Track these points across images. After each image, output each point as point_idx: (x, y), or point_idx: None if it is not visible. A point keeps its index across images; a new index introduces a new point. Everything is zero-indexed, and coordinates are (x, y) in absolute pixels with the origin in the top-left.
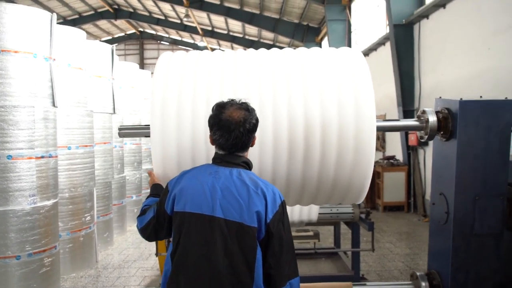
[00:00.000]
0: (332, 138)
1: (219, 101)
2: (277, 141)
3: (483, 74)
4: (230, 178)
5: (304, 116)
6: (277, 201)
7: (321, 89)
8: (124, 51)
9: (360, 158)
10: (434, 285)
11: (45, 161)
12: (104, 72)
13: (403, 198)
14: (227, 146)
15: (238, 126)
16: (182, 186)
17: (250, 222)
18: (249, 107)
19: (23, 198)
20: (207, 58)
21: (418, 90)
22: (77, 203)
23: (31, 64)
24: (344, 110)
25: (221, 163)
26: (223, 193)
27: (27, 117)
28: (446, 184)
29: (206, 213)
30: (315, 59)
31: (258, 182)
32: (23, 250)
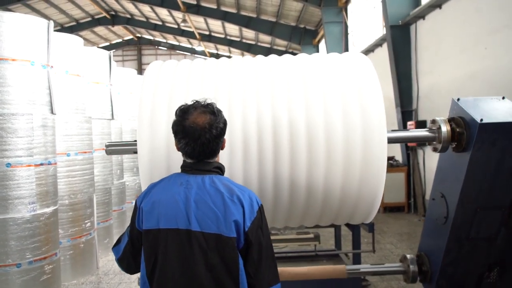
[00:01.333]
0: (337, 152)
1: (182, 105)
2: (277, 156)
3: (480, 74)
4: (203, 187)
5: (307, 129)
6: (254, 207)
7: (325, 98)
8: (122, 57)
9: (369, 174)
10: (422, 270)
11: (44, 168)
12: (102, 78)
13: (403, 199)
14: (195, 154)
15: (204, 133)
16: (153, 200)
17: (228, 232)
18: (215, 110)
19: (22, 205)
20: (198, 69)
21: (416, 90)
22: (77, 209)
23: (28, 72)
24: (351, 121)
25: (191, 171)
26: (197, 204)
27: (25, 125)
28: (449, 190)
29: (182, 227)
30: (317, 65)
31: (233, 189)
32: (24, 258)
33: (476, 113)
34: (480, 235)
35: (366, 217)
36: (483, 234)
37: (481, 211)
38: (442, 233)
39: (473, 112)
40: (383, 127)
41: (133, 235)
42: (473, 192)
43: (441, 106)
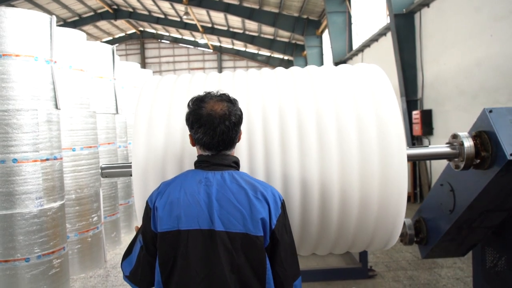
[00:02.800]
0: (353, 174)
1: (194, 96)
2: (287, 178)
3: (486, 61)
4: (224, 184)
5: (320, 149)
6: (278, 203)
7: (338, 118)
8: (125, 51)
9: (389, 197)
10: (419, 236)
11: (50, 163)
12: (105, 72)
13: (409, 189)
14: (213, 144)
15: (223, 120)
16: (170, 200)
17: (255, 231)
18: (231, 98)
19: (30, 201)
20: (199, 83)
21: (420, 79)
22: (83, 204)
23: (32, 68)
24: (366, 138)
25: (209, 167)
26: (220, 203)
27: (30, 120)
28: (460, 191)
29: (204, 227)
30: (328, 77)
31: (255, 185)
32: (32, 252)
33: (508, 142)
34: (482, 225)
35: (386, 243)
36: (486, 224)
37: (489, 213)
38: (445, 217)
39: (505, 139)
40: (402, 145)
41: (147, 239)
42: (485, 202)
43: (446, 95)
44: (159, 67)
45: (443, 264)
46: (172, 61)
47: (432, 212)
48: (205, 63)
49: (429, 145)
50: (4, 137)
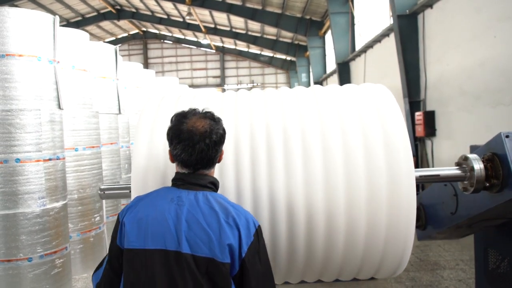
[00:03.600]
0: (360, 197)
1: (179, 111)
2: (291, 205)
3: (489, 62)
4: (196, 204)
5: (325, 172)
6: (251, 230)
7: (344, 136)
8: (128, 51)
9: (396, 221)
10: (418, 224)
11: (53, 163)
12: (108, 73)
13: None
14: (191, 162)
15: (203, 138)
16: (139, 216)
17: (222, 257)
18: (215, 117)
19: (32, 200)
20: (202, 101)
21: (423, 80)
22: (86, 204)
23: (35, 68)
24: (373, 162)
25: (183, 185)
26: (189, 224)
27: (33, 120)
28: (465, 201)
29: (171, 248)
30: (334, 98)
31: (228, 209)
32: (35, 252)
33: None
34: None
35: (395, 270)
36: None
37: (491, 220)
38: (445, 215)
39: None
40: (411, 167)
41: (112, 255)
42: (489, 216)
43: (449, 96)
44: (161, 67)
45: (446, 265)
46: (174, 61)
47: (432, 203)
48: (208, 63)
49: (432, 147)
50: (7, 137)
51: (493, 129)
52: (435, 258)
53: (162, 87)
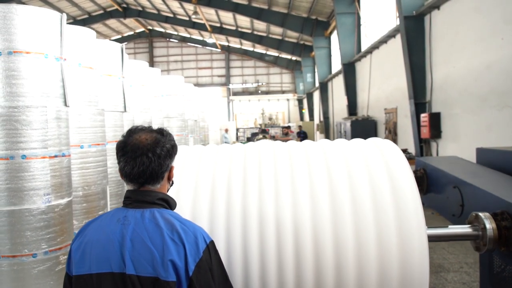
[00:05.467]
0: (370, 259)
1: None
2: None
3: (496, 64)
4: (142, 222)
5: (334, 235)
6: (200, 246)
7: (354, 199)
8: (134, 50)
9: (409, 284)
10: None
11: (58, 160)
12: (114, 71)
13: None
14: (134, 175)
15: (146, 151)
16: (86, 241)
17: (166, 275)
18: (164, 132)
19: (37, 197)
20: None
21: (429, 82)
22: (90, 201)
23: (42, 65)
24: (383, 223)
25: (131, 204)
26: (134, 243)
27: (40, 117)
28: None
29: (116, 270)
30: (342, 153)
31: (174, 225)
32: (39, 248)
33: None
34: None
35: None
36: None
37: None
38: (447, 206)
39: None
40: (422, 226)
41: (65, 282)
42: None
43: (455, 98)
44: (167, 66)
45: (450, 268)
46: (180, 60)
47: (435, 169)
48: (213, 62)
49: (438, 148)
50: (14, 133)
51: (499, 132)
52: (439, 260)
53: (167, 85)
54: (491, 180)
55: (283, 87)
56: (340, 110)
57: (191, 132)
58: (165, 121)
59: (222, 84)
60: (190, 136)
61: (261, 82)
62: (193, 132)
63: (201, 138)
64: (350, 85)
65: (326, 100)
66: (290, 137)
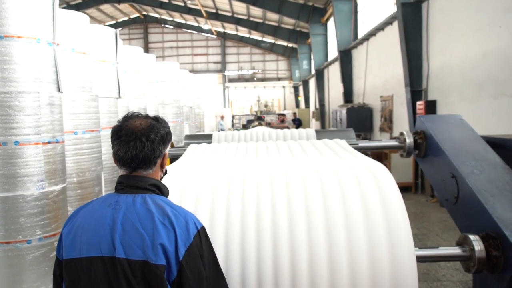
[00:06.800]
0: (363, 279)
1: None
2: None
3: (493, 53)
4: (133, 207)
5: (329, 260)
6: (191, 231)
7: (347, 217)
8: (128, 35)
9: None
10: (417, 144)
11: (52, 146)
12: (108, 56)
13: (410, 179)
14: (126, 159)
15: (140, 135)
16: (77, 225)
17: (156, 259)
18: (160, 118)
19: (31, 183)
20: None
21: (426, 70)
22: (85, 187)
23: (34, 49)
24: (375, 244)
25: (123, 189)
26: (124, 227)
27: (32, 103)
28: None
29: (106, 254)
30: (336, 179)
31: (166, 210)
32: (34, 235)
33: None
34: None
35: None
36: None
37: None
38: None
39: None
40: (411, 247)
41: (55, 267)
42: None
43: (451, 86)
44: (162, 52)
45: None
46: (175, 46)
47: (435, 132)
48: (209, 49)
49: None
50: (6, 119)
51: (494, 121)
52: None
53: (162, 71)
54: (490, 175)
55: (279, 74)
56: (336, 98)
57: (186, 119)
58: (160, 107)
59: (217, 71)
60: (185, 123)
61: (257, 69)
62: (188, 119)
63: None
64: (346, 72)
65: (322, 87)
66: (285, 124)
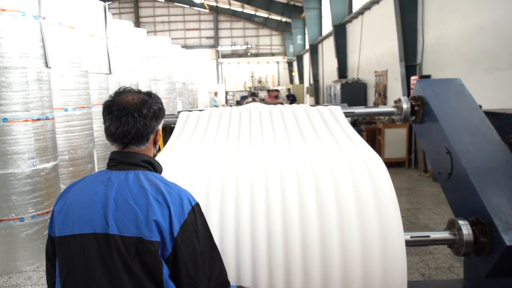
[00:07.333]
0: (355, 261)
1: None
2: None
3: (489, 25)
4: (126, 184)
5: (321, 238)
6: (185, 207)
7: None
8: (119, 10)
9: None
10: (415, 110)
11: (41, 123)
12: (97, 31)
13: (404, 154)
14: (118, 135)
15: (132, 110)
16: (69, 202)
17: (150, 235)
18: (152, 94)
19: (22, 161)
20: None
21: (421, 44)
22: (77, 165)
23: (20, 23)
24: (366, 226)
25: (115, 166)
26: (117, 204)
27: (20, 79)
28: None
29: (99, 231)
30: (328, 166)
31: (159, 186)
32: (26, 212)
33: (506, 233)
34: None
35: None
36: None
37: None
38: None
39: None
40: (400, 231)
41: (47, 244)
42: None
43: (446, 60)
44: (153, 27)
45: (435, 227)
46: (167, 21)
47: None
48: (201, 23)
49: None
50: None
51: (489, 95)
52: (425, 221)
53: (154, 47)
54: (485, 155)
55: (273, 49)
56: (330, 73)
57: (179, 95)
58: (152, 83)
59: (210, 46)
60: (178, 99)
61: (251, 44)
62: (182, 95)
63: (190, 101)
64: (340, 47)
65: (316, 62)
66: (280, 100)
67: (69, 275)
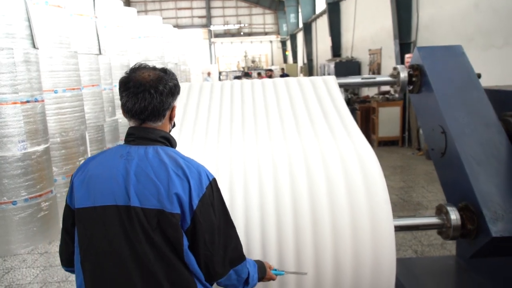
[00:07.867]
0: (346, 245)
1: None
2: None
3: (485, 2)
4: (145, 158)
5: (312, 217)
6: (203, 181)
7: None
8: None
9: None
10: (411, 87)
11: (31, 105)
12: (85, 10)
13: (398, 133)
14: (135, 111)
15: (148, 87)
16: (89, 175)
17: (171, 208)
18: (168, 70)
19: (12, 144)
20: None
21: (415, 21)
22: (69, 147)
23: (4, 2)
24: (356, 211)
25: (134, 141)
26: (138, 178)
27: (6, 60)
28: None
29: (121, 203)
30: (321, 157)
31: (178, 161)
32: (19, 196)
33: (493, 223)
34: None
35: None
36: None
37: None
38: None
39: (491, 224)
40: (389, 217)
41: (64, 215)
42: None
43: (441, 38)
44: (144, 6)
45: (428, 205)
46: (158, 0)
47: (433, 66)
48: (193, 2)
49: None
50: None
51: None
52: (418, 199)
53: (145, 26)
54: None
55: (266, 28)
56: (324, 52)
57: None
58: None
59: (203, 26)
60: None
61: (243, 24)
62: None
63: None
64: (334, 25)
65: (310, 41)
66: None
67: (90, 246)
